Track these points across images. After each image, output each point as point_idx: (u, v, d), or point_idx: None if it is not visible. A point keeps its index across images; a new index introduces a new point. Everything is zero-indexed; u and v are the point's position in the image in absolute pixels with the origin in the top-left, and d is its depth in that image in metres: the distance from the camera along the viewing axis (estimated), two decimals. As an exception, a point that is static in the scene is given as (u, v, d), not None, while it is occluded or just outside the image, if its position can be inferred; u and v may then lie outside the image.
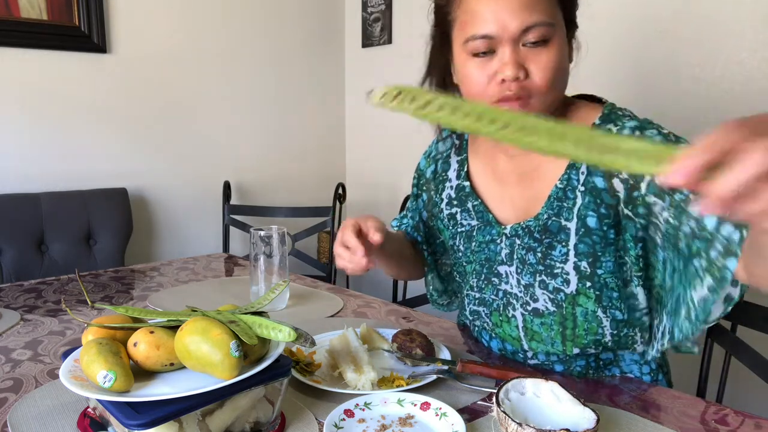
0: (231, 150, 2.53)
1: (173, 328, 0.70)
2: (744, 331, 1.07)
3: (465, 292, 1.04)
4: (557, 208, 0.88)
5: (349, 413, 0.76)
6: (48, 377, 0.91)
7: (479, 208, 0.98)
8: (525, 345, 0.96)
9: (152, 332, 0.69)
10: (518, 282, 0.93)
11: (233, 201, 2.51)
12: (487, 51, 0.82)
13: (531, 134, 0.49)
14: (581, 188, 0.86)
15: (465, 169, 1.02)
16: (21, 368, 0.94)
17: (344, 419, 0.74)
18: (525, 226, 0.92)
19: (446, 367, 0.89)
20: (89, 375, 0.65)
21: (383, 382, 0.86)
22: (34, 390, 0.85)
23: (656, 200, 0.81)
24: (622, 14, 1.77)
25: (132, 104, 2.23)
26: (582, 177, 0.87)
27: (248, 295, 1.31)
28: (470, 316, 1.04)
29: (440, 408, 0.76)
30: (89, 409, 0.75)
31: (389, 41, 2.60)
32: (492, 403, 0.75)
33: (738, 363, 1.07)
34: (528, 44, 0.80)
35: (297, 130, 2.75)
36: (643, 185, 0.82)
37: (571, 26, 0.88)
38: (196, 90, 2.39)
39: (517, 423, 0.65)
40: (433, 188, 1.09)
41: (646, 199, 0.82)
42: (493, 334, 1.02)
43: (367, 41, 2.72)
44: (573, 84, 0.92)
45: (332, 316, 1.22)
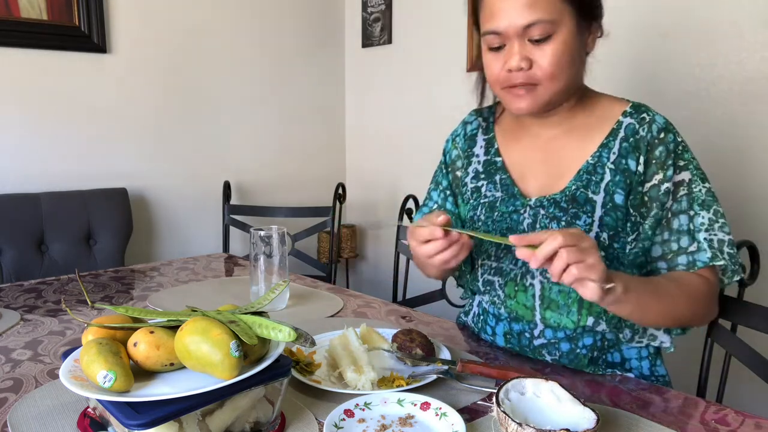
0: (231, 150, 2.53)
1: (173, 328, 0.70)
2: (744, 331, 1.07)
3: (480, 262, 1.07)
4: (586, 181, 0.96)
5: (349, 413, 0.76)
6: (48, 377, 0.91)
7: (506, 182, 1.05)
8: (538, 316, 0.98)
9: (152, 332, 0.69)
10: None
11: (233, 201, 2.51)
12: (500, 45, 0.93)
13: None
14: (611, 166, 0.95)
15: (495, 146, 1.09)
16: (21, 368, 0.94)
17: (344, 419, 0.74)
18: (551, 198, 0.98)
19: (446, 367, 0.89)
20: (89, 375, 0.65)
21: (383, 382, 0.86)
22: (34, 390, 0.86)
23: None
24: (623, 15, 1.77)
25: (132, 104, 2.23)
26: (613, 156, 0.95)
27: (248, 295, 1.31)
28: (482, 287, 1.06)
29: (440, 408, 0.76)
30: (89, 409, 0.75)
31: (389, 41, 2.60)
32: (492, 403, 0.75)
33: (738, 363, 1.07)
34: (533, 39, 0.90)
35: (297, 130, 2.75)
36: (648, 185, 0.93)
37: (588, 18, 0.94)
38: (196, 90, 2.39)
39: (517, 423, 0.65)
40: (460, 166, 1.14)
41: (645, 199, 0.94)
42: (502, 312, 1.03)
43: (367, 41, 2.72)
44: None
45: (332, 316, 1.23)
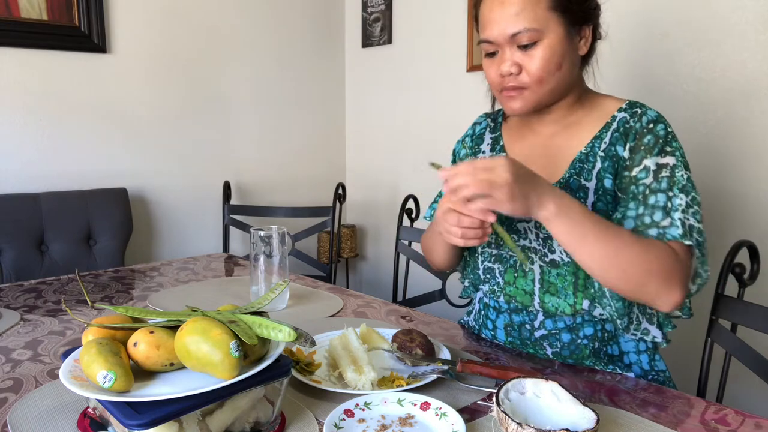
0: (231, 150, 2.53)
1: (173, 328, 0.70)
2: (744, 331, 1.07)
3: (480, 250, 1.11)
4: (579, 169, 1.00)
5: (349, 413, 0.76)
6: (48, 377, 0.91)
7: None
8: (537, 300, 1.01)
9: (152, 332, 0.69)
10: (537, 236, 1.02)
11: (233, 201, 2.51)
12: (494, 51, 0.99)
13: None
14: (601, 154, 0.99)
15: (501, 143, 1.15)
16: (21, 368, 0.94)
17: (344, 419, 0.74)
18: None
19: (446, 367, 0.89)
20: (89, 375, 0.65)
21: (383, 382, 0.86)
22: (34, 390, 0.86)
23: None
24: (624, 15, 1.77)
25: (132, 104, 2.23)
26: (604, 146, 0.99)
27: (248, 295, 1.31)
28: (483, 276, 1.10)
29: (440, 408, 0.76)
30: (89, 409, 0.75)
31: (389, 41, 2.60)
32: (492, 403, 0.75)
33: (738, 363, 1.07)
34: (521, 46, 0.95)
35: (297, 130, 2.75)
36: (636, 169, 0.95)
37: (579, 22, 0.97)
38: (196, 90, 2.39)
39: (517, 423, 0.65)
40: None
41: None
42: (502, 303, 1.06)
43: (367, 41, 2.72)
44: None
45: (332, 316, 1.23)
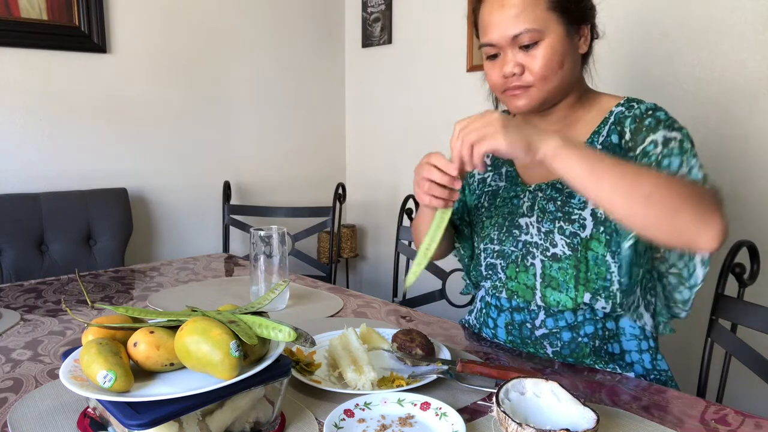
0: (231, 150, 2.53)
1: (173, 328, 0.70)
2: (744, 331, 1.07)
3: (482, 247, 1.13)
4: None
5: (349, 413, 0.76)
6: (48, 377, 0.91)
7: (512, 174, 1.13)
8: (538, 294, 1.01)
9: (152, 332, 0.69)
10: (538, 230, 1.03)
11: (233, 201, 2.51)
12: (496, 53, 1.00)
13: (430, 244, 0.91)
14: (599, 147, 1.01)
15: None
16: (21, 368, 0.94)
17: (344, 419, 0.74)
18: (549, 183, 1.05)
19: (446, 367, 0.89)
20: (89, 375, 0.65)
21: (383, 382, 0.86)
22: (34, 390, 0.86)
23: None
24: (624, 15, 1.77)
25: (132, 104, 2.23)
26: (602, 138, 1.01)
27: (248, 295, 1.31)
28: (485, 272, 1.11)
29: (440, 408, 0.76)
30: (89, 409, 0.75)
31: (389, 41, 2.60)
32: (492, 403, 0.75)
33: (738, 363, 1.07)
34: (523, 46, 0.97)
35: (297, 130, 2.75)
36: (640, 147, 0.95)
37: (577, 22, 0.99)
38: (196, 90, 2.39)
39: (517, 423, 0.65)
40: None
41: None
42: (503, 301, 1.07)
43: (367, 41, 2.72)
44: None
45: (332, 316, 1.23)
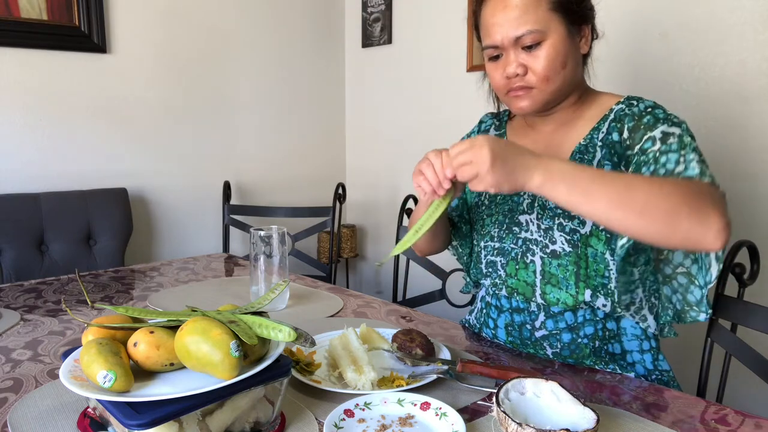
0: (231, 150, 2.53)
1: (173, 328, 0.70)
2: (744, 331, 1.07)
3: (483, 245, 1.12)
4: (579, 159, 1.02)
5: (349, 413, 0.76)
6: (48, 377, 0.91)
7: None
8: (538, 291, 1.01)
9: (152, 332, 0.69)
10: (538, 227, 1.03)
11: (233, 201, 2.51)
12: (498, 55, 1.01)
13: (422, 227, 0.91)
14: (599, 143, 1.01)
15: (505, 140, 1.14)
16: (21, 368, 0.94)
17: (344, 419, 0.74)
18: None
19: (446, 367, 0.89)
20: (89, 375, 0.65)
21: (383, 382, 0.86)
22: (34, 390, 0.86)
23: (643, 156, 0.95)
24: (623, 15, 1.77)
25: (132, 104, 2.23)
26: (602, 135, 1.01)
27: (248, 295, 1.31)
28: (485, 269, 1.11)
29: (440, 408, 0.76)
30: (89, 409, 0.75)
31: (389, 41, 2.60)
32: (492, 403, 0.75)
33: (738, 363, 1.07)
34: (525, 47, 0.97)
35: (297, 130, 2.75)
36: (638, 146, 0.95)
37: (578, 22, 1.00)
38: (196, 90, 2.39)
39: (517, 423, 0.65)
40: None
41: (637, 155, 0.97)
42: (503, 301, 1.07)
43: (367, 41, 2.72)
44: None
45: (332, 316, 1.23)
